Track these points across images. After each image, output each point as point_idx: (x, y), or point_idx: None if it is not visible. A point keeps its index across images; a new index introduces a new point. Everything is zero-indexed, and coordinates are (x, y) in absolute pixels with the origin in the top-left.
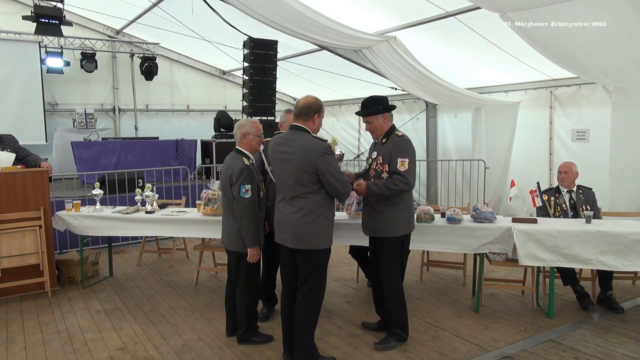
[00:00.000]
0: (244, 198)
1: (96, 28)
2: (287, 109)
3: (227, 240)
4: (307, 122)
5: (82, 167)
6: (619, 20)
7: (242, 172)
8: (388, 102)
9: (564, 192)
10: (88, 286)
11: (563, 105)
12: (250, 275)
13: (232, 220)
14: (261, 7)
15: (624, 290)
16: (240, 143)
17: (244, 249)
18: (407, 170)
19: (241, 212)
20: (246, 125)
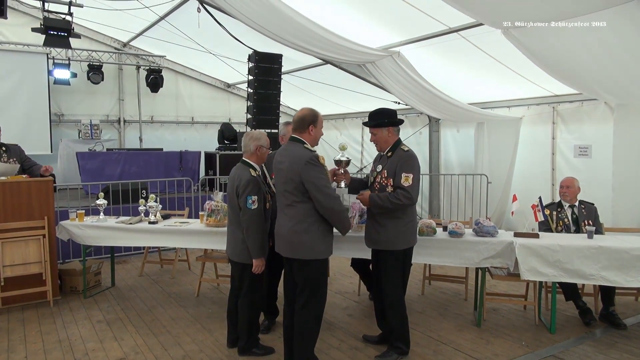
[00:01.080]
0: (251, 209)
1: (103, 40)
2: (285, 122)
3: (232, 251)
4: (303, 133)
5: (86, 177)
6: (621, 37)
7: (249, 183)
8: (396, 117)
9: (566, 207)
10: (90, 296)
11: (565, 121)
12: (254, 286)
13: (238, 231)
14: (267, 21)
15: (627, 306)
16: (252, 155)
17: (248, 260)
18: (411, 186)
19: (247, 222)
20: (262, 139)
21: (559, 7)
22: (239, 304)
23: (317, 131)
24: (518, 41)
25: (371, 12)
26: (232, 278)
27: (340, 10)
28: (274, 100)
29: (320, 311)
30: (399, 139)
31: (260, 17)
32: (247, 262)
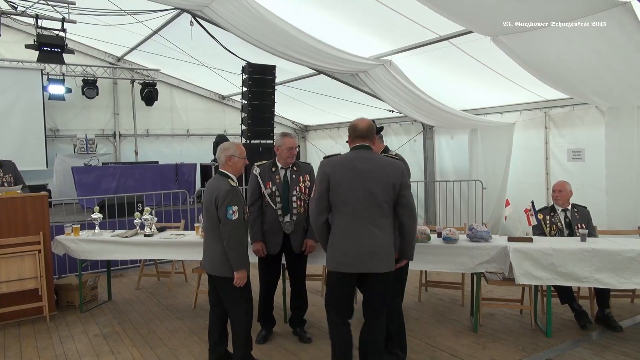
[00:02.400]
0: (231, 220)
1: (97, 55)
2: (282, 133)
3: (211, 265)
4: (371, 142)
5: (82, 191)
6: (609, 41)
7: (228, 194)
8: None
9: (559, 211)
10: (86, 310)
11: (558, 126)
12: (242, 299)
13: (216, 244)
14: (259, 33)
15: (623, 308)
16: (225, 166)
17: (230, 274)
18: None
19: (228, 234)
20: (230, 149)
21: (548, 13)
22: (230, 321)
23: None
24: (507, 48)
25: (362, 21)
26: (209, 294)
27: (332, 20)
28: (269, 111)
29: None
30: (387, 146)
31: (252, 29)
32: (229, 275)
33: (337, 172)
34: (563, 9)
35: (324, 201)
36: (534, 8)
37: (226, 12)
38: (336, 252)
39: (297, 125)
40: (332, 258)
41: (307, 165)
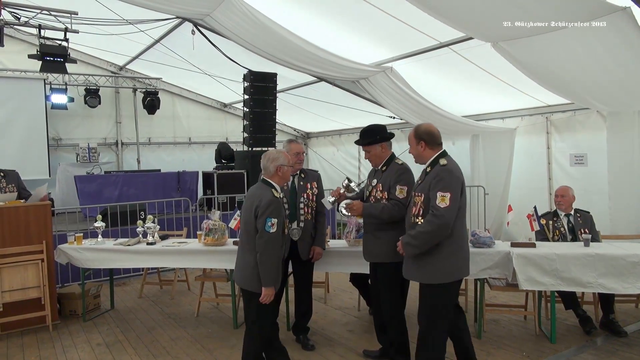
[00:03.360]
0: (269, 232)
1: (100, 65)
2: (289, 139)
3: (241, 277)
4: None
5: (84, 200)
6: (608, 47)
7: (270, 205)
8: (386, 132)
9: (562, 216)
10: (89, 319)
11: (559, 131)
12: (262, 317)
13: (249, 256)
14: (260, 41)
15: (627, 313)
16: (274, 176)
17: (258, 289)
18: (405, 198)
19: (263, 246)
20: (280, 158)
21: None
22: (246, 334)
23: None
24: (508, 53)
25: (362, 28)
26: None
27: (333, 28)
28: (270, 118)
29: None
30: (393, 153)
31: (253, 37)
32: (256, 290)
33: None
34: (562, 16)
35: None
36: (534, 14)
37: (228, 20)
38: (461, 260)
39: (298, 133)
40: (458, 266)
41: (314, 172)
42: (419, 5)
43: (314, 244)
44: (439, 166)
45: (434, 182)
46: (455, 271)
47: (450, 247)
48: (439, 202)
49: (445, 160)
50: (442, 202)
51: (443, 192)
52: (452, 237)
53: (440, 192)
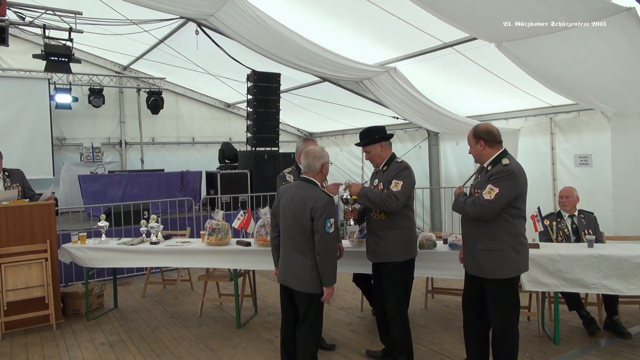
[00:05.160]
0: (329, 233)
1: (104, 64)
2: (304, 138)
3: (298, 281)
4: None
5: (88, 200)
6: (613, 48)
7: (327, 205)
8: (385, 132)
9: (566, 217)
10: (93, 318)
11: (563, 131)
12: (320, 316)
13: (305, 259)
14: (264, 41)
15: (632, 315)
16: (318, 174)
17: (319, 289)
18: (399, 191)
19: (325, 248)
20: (325, 155)
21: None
22: (303, 337)
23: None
24: (512, 54)
25: (366, 29)
26: (286, 309)
27: (336, 28)
28: (274, 118)
29: None
30: (394, 153)
31: (257, 37)
32: (317, 291)
33: None
34: (566, 16)
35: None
36: (537, 14)
37: (232, 21)
38: (526, 255)
39: (302, 133)
40: (525, 260)
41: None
42: (423, 5)
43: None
44: (501, 165)
45: (489, 177)
46: (525, 264)
47: (518, 243)
48: (485, 194)
49: (507, 160)
50: (488, 194)
51: (493, 186)
52: (516, 237)
53: (491, 184)
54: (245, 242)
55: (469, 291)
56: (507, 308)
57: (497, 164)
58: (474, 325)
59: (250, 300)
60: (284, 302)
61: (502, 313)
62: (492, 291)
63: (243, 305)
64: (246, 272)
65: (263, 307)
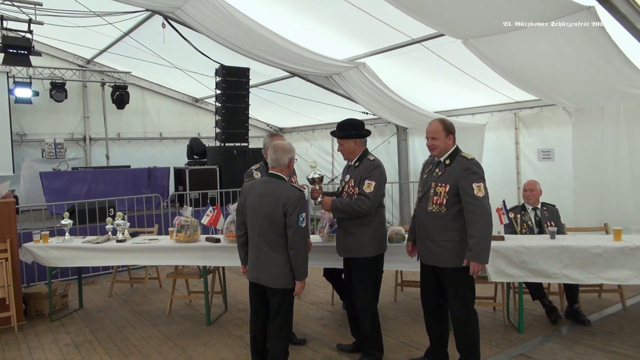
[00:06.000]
0: (302, 227)
1: (66, 58)
2: (270, 133)
3: (272, 277)
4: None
5: (51, 197)
6: (574, 46)
7: (299, 200)
8: (363, 129)
9: (529, 210)
10: (57, 319)
11: (527, 126)
12: (290, 312)
13: (278, 255)
14: (232, 35)
15: (591, 303)
16: (285, 169)
17: (292, 284)
18: (372, 192)
19: (299, 242)
20: (292, 150)
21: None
22: (275, 332)
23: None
24: (478, 50)
25: (335, 24)
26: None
27: (306, 23)
28: (243, 113)
29: None
30: (366, 149)
31: (226, 31)
32: (290, 286)
33: None
34: (529, 14)
35: None
36: (501, 12)
37: (199, 14)
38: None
39: (271, 128)
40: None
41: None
42: (391, 1)
43: None
44: (467, 159)
45: (465, 174)
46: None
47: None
48: (477, 193)
49: (469, 155)
50: (479, 192)
51: (477, 183)
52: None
53: (475, 183)
54: (214, 239)
55: (425, 282)
56: (466, 296)
57: (455, 157)
58: (433, 313)
59: (220, 297)
60: (254, 299)
61: (461, 301)
62: (452, 281)
63: (213, 302)
64: (216, 268)
65: (233, 303)
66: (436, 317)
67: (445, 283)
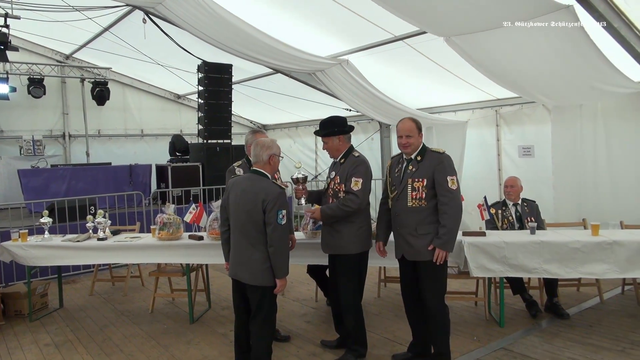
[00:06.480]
0: (281, 224)
1: (44, 53)
2: (252, 130)
3: (251, 274)
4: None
5: (29, 195)
6: (553, 44)
7: (279, 197)
8: (345, 125)
9: (510, 205)
10: (36, 319)
11: (508, 123)
12: (273, 310)
13: (257, 252)
14: (214, 31)
15: (570, 297)
16: (265, 165)
17: (271, 282)
18: (360, 190)
19: (278, 240)
20: (273, 147)
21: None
22: (257, 329)
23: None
24: (460, 48)
25: (319, 21)
26: (237, 303)
27: (289, 19)
28: (226, 110)
29: None
30: (351, 146)
31: (208, 27)
32: (269, 284)
33: None
34: (509, 13)
35: None
36: (483, 10)
37: (181, 9)
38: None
39: (254, 125)
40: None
41: None
42: None
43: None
44: (438, 154)
45: (440, 168)
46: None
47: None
48: (451, 185)
49: (441, 149)
50: (452, 185)
51: (451, 176)
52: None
53: (449, 176)
54: (197, 236)
55: (405, 278)
56: (441, 288)
57: (425, 152)
58: (414, 308)
59: (204, 295)
60: (236, 297)
61: (437, 293)
62: (429, 273)
63: (196, 300)
64: (199, 266)
65: (217, 301)
66: (418, 311)
67: (423, 275)
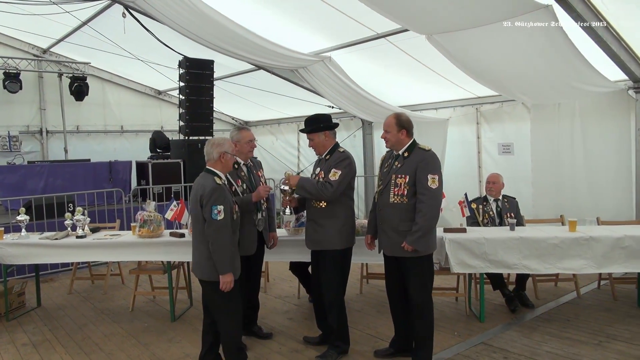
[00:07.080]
0: (216, 220)
1: (20, 47)
2: (238, 127)
3: (199, 269)
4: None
5: (5, 192)
6: (533, 43)
7: (213, 192)
8: (330, 121)
9: (491, 201)
10: (13, 318)
11: (488, 121)
12: (228, 302)
13: (203, 247)
14: (196, 27)
15: (547, 292)
16: (216, 163)
17: (216, 277)
18: (336, 181)
19: (214, 235)
20: (224, 144)
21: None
22: (219, 326)
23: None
24: (441, 46)
25: (301, 18)
26: (203, 299)
27: (271, 15)
28: (207, 106)
29: None
30: (337, 142)
31: (189, 22)
32: (216, 279)
33: None
34: (490, 12)
35: None
36: (464, 9)
37: (160, 3)
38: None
39: (237, 121)
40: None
41: (256, 159)
42: None
43: (270, 230)
44: (424, 151)
45: (422, 165)
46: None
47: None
48: (431, 184)
49: (427, 146)
50: (433, 184)
51: (432, 175)
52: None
53: (430, 174)
54: (179, 234)
55: (389, 274)
56: (427, 283)
57: (413, 149)
58: (399, 304)
59: (185, 293)
60: (202, 293)
61: (422, 289)
62: (414, 269)
63: (178, 297)
64: (180, 263)
65: (199, 298)
66: (402, 307)
67: (407, 272)
